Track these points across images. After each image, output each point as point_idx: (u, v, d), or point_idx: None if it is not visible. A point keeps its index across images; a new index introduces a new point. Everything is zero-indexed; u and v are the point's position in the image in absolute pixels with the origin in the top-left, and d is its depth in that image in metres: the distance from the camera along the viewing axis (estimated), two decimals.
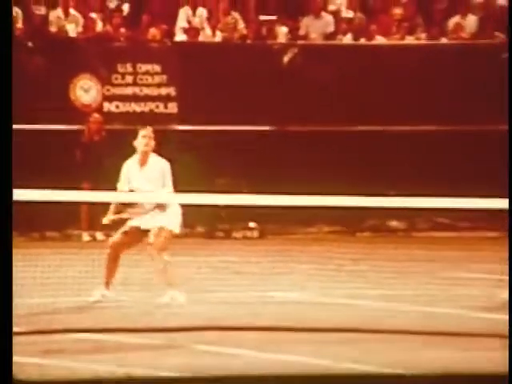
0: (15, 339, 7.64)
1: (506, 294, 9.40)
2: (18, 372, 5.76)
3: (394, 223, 14.63)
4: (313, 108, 14.54)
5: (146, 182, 9.34)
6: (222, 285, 10.13)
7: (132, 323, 8.48)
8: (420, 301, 9.48)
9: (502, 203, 8.62)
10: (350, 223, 14.35)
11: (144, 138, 9.42)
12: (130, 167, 9.45)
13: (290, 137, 14.59)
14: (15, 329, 7.99)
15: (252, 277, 10.68)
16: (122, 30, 15.04)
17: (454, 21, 15.50)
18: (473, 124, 14.58)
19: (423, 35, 15.43)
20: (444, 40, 15.42)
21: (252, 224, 14.31)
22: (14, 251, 13.27)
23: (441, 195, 9.13)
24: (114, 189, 9.64)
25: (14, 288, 9.86)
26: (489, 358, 7.16)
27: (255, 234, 14.32)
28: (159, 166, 9.39)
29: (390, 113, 14.58)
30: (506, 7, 15.61)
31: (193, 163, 13.97)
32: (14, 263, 12.09)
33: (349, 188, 9.34)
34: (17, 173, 12.74)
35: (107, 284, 9.26)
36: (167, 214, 9.32)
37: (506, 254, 12.48)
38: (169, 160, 9.81)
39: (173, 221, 9.33)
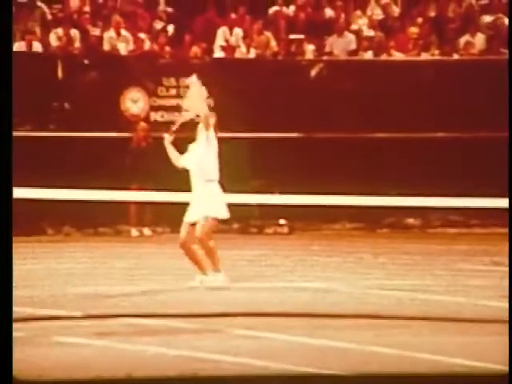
0: (70, 323, 7.60)
1: None
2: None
3: (410, 220, 14.50)
4: (337, 117, 14.46)
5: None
6: (255, 276, 10.07)
7: (175, 308, 8.44)
8: (435, 290, 9.37)
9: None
10: (370, 221, 14.24)
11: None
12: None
13: (317, 143, 14.51)
14: (71, 313, 7.96)
15: (282, 268, 10.61)
16: (167, 48, 15.04)
17: (464, 39, 15.35)
18: (481, 131, 14.43)
19: (437, 52, 15.30)
20: (456, 56, 15.28)
21: (282, 221, 14.24)
22: (72, 244, 13.29)
23: (453, 195, 8.99)
24: (160, 189, 9.58)
25: (67, 278, 9.85)
26: (497, 341, 7.05)
27: (285, 230, 14.24)
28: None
29: (406, 121, 14.46)
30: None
31: (229, 167, 13.90)
32: (71, 255, 12.08)
33: (369, 188, 9.24)
34: (72, 174, 12.72)
35: (203, 271, 9.24)
36: (210, 202, 9.24)
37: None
38: None
39: (216, 208, 9.24)
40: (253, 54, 15.16)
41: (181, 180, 10.18)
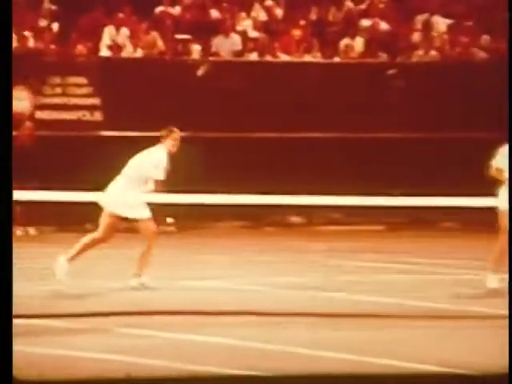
0: None
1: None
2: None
3: (294, 218, 14.61)
4: (223, 116, 14.49)
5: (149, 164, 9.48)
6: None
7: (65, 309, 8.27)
8: (318, 286, 9.46)
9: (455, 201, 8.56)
10: (256, 218, 14.31)
11: (176, 141, 9.70)
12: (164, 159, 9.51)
13: (203, 141, 14.49)
14: None
15: (170, 267, 10.54)
16: (52, 46, 14.73)
17: (344, 42, 15.58)
18: (363, 132, 14.72)
19: (318, 54, 15.48)
20: (336, 59, 15.48)
21: (170, 220, 14.17)
22: None
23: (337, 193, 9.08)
24: (44, 189, 9.33)
25: None
26: (370, 336, 7.13)
27: (172, 228, 14.17)
28: (160, 155, 9.67)
29: (290, 120, 14.61)
30: (388, 31, 15.76)
31: (117, 166, 13.72)
32: None
33: (255, 187, 9.26)
34: None
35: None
36: (144, 203, 9.23)
37: (389, 245, 12.61)
38: (93, 163, 9.62)
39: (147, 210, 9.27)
40: (139, 53, 15.03)
41: (66, 179, 9.98)
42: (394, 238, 13.36)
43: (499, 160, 9.26)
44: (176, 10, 15.58)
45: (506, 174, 9.11)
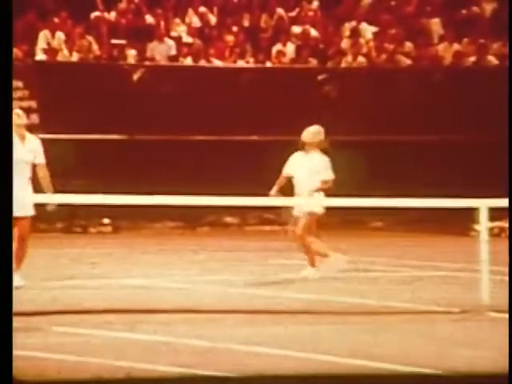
0: None
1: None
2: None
3: (228, 219, 14.54)
4: (158, 119, 14.39)
5: (28, 154, 9.19)
6: (79, 274, 9.81)
7: None
8: (251, 284, 9.40)
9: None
10: (191, 219, 14.22)
11: (19, 117, 9.38)
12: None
13: (139, 144, 14.38)
14: None
15: (106, 266, 10.39)
16: None
17: (276, 48, 15.58)
18: (291, 135, 14.70)
19: (251, 59, 15.46)
20: (268, 64, 15.48)
21: (106, 220, 14.01)
22: None
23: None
24: None
25: None
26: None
27: (109, 229, 14.00)
28: (35, 142, 9.37)
29: (223, 123, 14.56)
30: (318, 38, 15.81)
31: (53, 167, 13.49)
32: None
33: (191, 188, 9.17)
34: None
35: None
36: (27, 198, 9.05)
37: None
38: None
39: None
40: (75, 57, 14.82)
41: None
42: (323, 237, 13.39)
43: (287, 166, 9.54)
44: (111, 16, 15.41)
45: (296, 182, 9.36)
